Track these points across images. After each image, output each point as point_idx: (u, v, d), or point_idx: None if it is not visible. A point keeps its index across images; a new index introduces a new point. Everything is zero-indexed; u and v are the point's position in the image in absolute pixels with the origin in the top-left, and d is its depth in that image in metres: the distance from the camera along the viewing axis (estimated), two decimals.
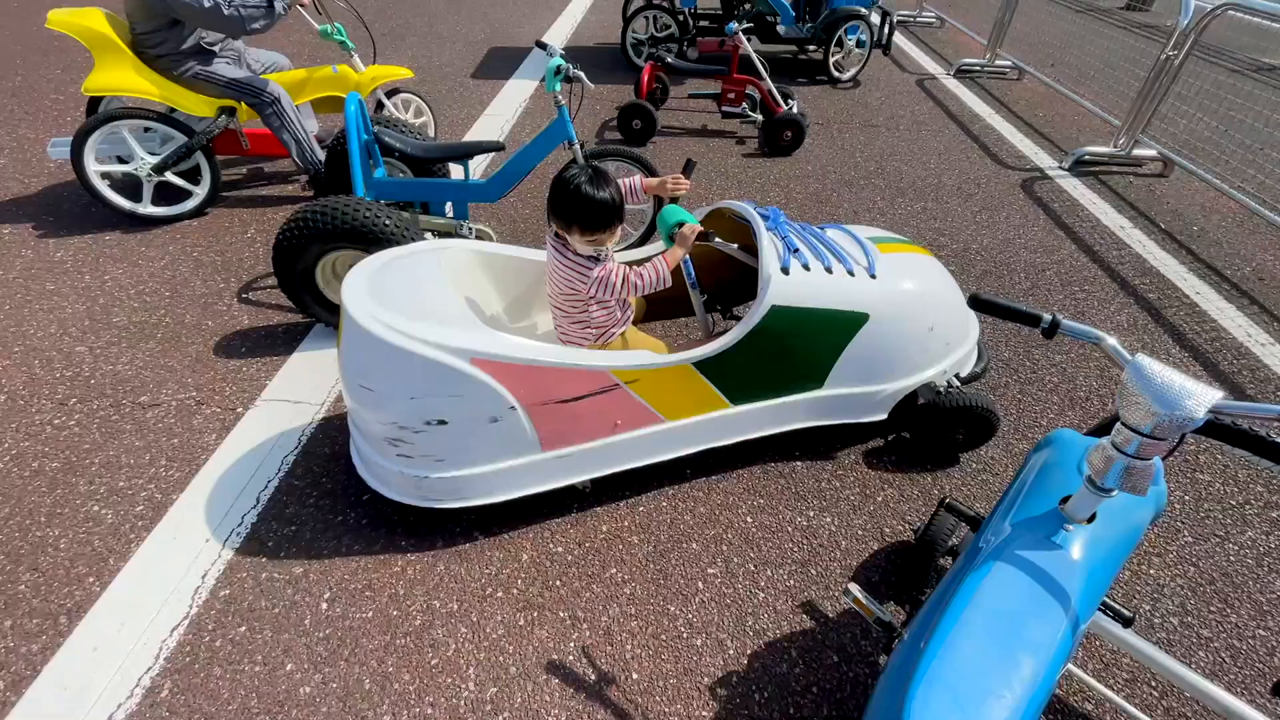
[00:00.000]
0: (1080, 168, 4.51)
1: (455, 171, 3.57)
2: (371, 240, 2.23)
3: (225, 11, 2.83)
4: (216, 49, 3.14)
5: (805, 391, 2.04)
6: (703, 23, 6.26)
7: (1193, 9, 4.08)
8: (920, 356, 2.10)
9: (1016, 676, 0.96)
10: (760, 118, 4.58)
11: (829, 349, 1.99)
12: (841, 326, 1.97)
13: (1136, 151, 4.54)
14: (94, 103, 3.41)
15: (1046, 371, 2.65)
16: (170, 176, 3.22)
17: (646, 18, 5.90)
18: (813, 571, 1.86)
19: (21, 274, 2.90)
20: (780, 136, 4.37)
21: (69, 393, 2.31)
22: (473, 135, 4.52)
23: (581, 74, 2.57)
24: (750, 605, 1.76)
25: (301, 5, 3.28)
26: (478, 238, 2.86)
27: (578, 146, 2.74)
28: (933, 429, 2.13)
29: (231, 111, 3.17)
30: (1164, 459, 1.04)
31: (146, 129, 3.13)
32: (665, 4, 5.94)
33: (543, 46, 2.78)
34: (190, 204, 3.34)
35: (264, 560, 1.80)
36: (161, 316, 2.69)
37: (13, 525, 1.87)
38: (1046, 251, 3.50)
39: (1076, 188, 4.23)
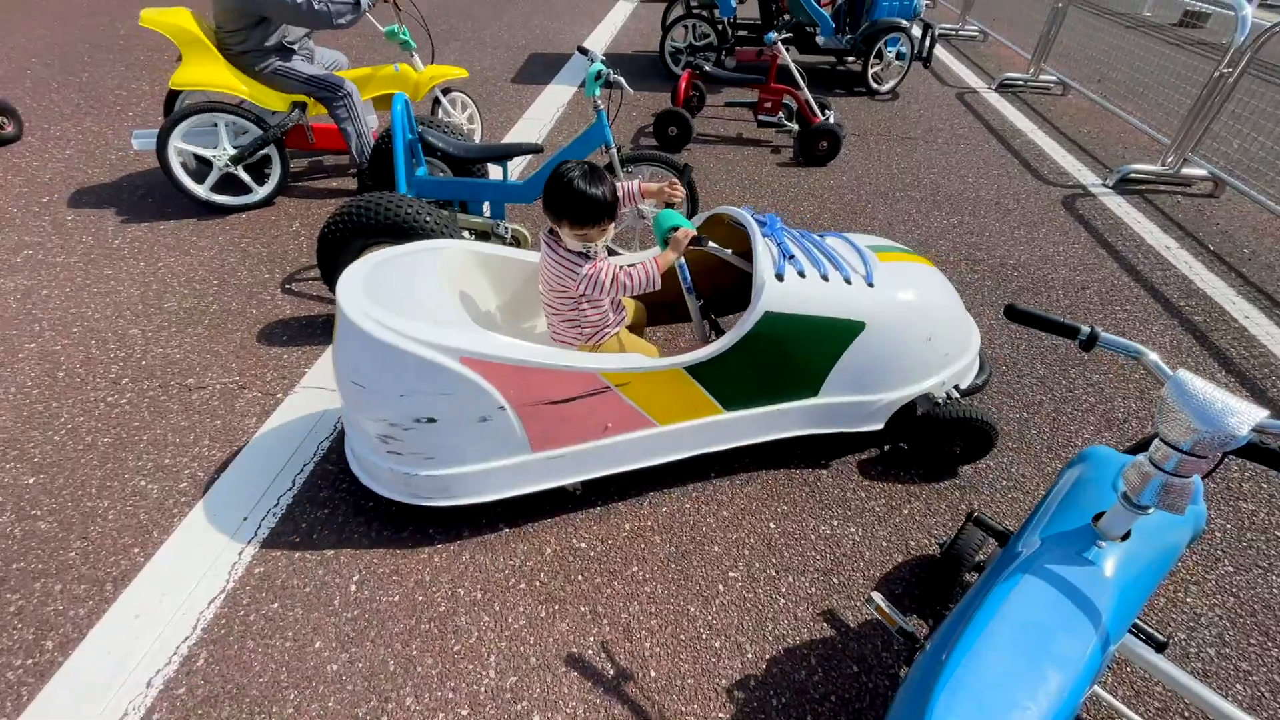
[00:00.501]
0: (1125, 185, 4.40)
1: (494, 172, 3.64)
2: (412, 236, 2.29)
3: (316, 6, 2.98)
4: (295, 46, 3.32)
5: (800, 399, 2.02)
6: (741, 32, 6.30)
7: (1249, 26, 3.97)
8: (918, 367, 2.08)
9: (1043, 689, 0.95)
10: (796, 127, 4.58)
11: (824, 357, 1.97)
12: (837, 335, 1.95)
13: (1186, 170, 4.41)
14: (170, 99, 3.60)
15: (1083, 391, 2.59)
16: (238, 170, 3.38)
17: (685, 26, 5.95)
18: (835, 580, 1.84)
19: (82, 259, 3.05)
20: (816, 146, 4.36)
21: (121, 372, 2.42)
22: (511, 138, 4.60)
23: (621, 79, 2.61)
24: (771, 610, 1.76)
25: (385, 1, 3.45)
26: (513, 237, 2.92)
27: (614, 150, 2.78)
28: (930, 441, 2.10)
29: (303, 106, 3.35)
30: (1204, 479, 1.01)
31: (217, 123, 3.28)
32: (704, 13, 5.99)
33: (584, 52, 2.83)
34: (262, 193, 3.50)
35: (297, 540, 1.86)
36: (209, 304, 2.80)
37: (66, 495, 1.96)
38: (1087, 269, 3.42)
39: (1120, 205, 4.14)
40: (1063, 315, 1.36)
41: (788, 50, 4.59)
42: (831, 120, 4.45)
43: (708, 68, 4.50)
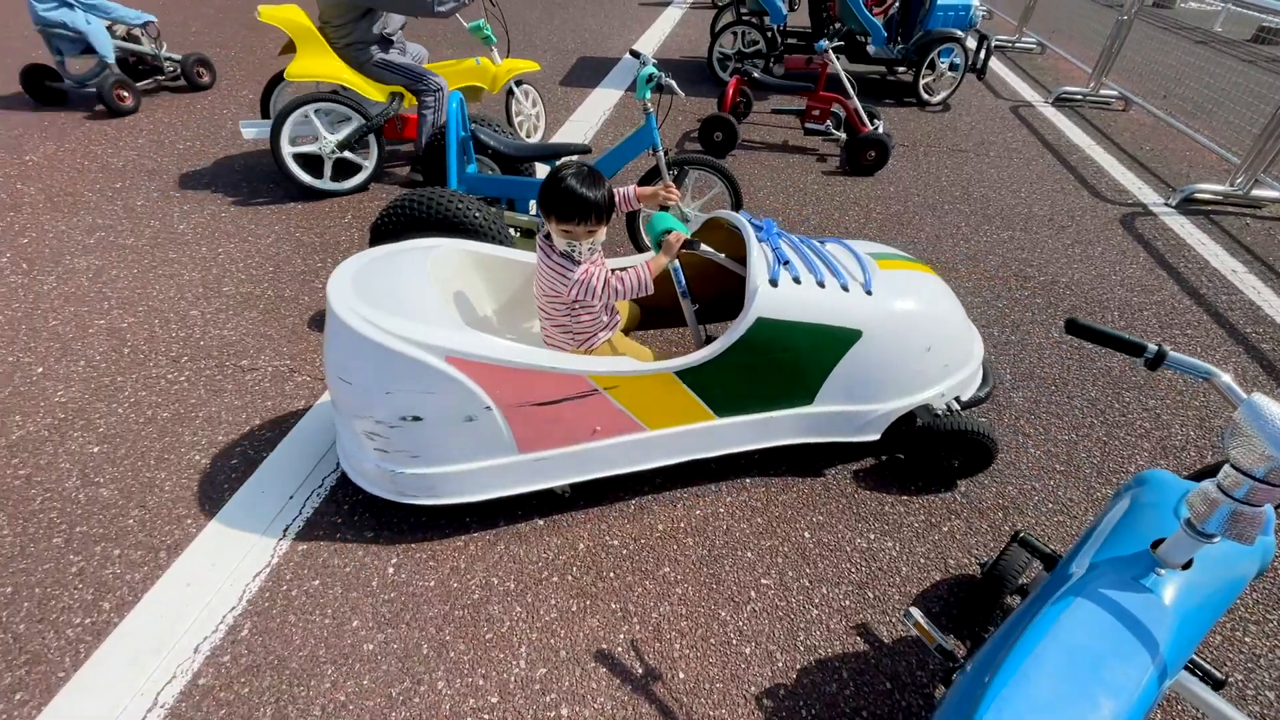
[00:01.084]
0: (1189, 206, 4.23)
1: (540, 171, 3.70)
2: (461, 231, 2.34)
3: None
4: (394, 39, 3.52)
5: (794, 407, 1.98)
6: (790, 40, 6.26)
7: None
8: (916, 378, 2.03)
9: (1094, 717, 0.92)
10: (844, 136, 4.53)
11: (819, 365, 1.93)
12: (832, 342, 1.90)
13: (1256, 192, 4.22)
14: (266, 92, 3.83)
15: (1138, 415, 2.49)
16: (342, 155, 3.60)
17: (735, 33, 5.95)
18: (870, 594, 1.81)
19: (149, 242, 3.20)
20: (864, 156, 4.30)
21: (181, 351, 2.53)
22: (558, 139, 4.66)
23: (673, 83, 2.63)
24: (803, 620, 1.73)
25: None
26: None
27: (661, 154, 2.79)
28: (927, 453, 2.05)
29: (400, 97, 3.53)
30: (1277, 509, 0.97)
31: (317, 111, 3.46)
32: (754, 20, 5.98)
33: (636, 55, 2.86)
34: (359, 178, 3.70)
35: (339, 521, 1.91)
36: (265, 289, 2.91)
37: (126, 465, 2.05)
38: (1145, 291, 3.29)
39: (1183, 226, 3.97)
40: (1127, 331, 1.31)
41: (838, 59, 4.54)
42: (880, 130, 4.39)
43: (756, 74, 4.48)
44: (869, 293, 1.94)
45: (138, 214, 3.43)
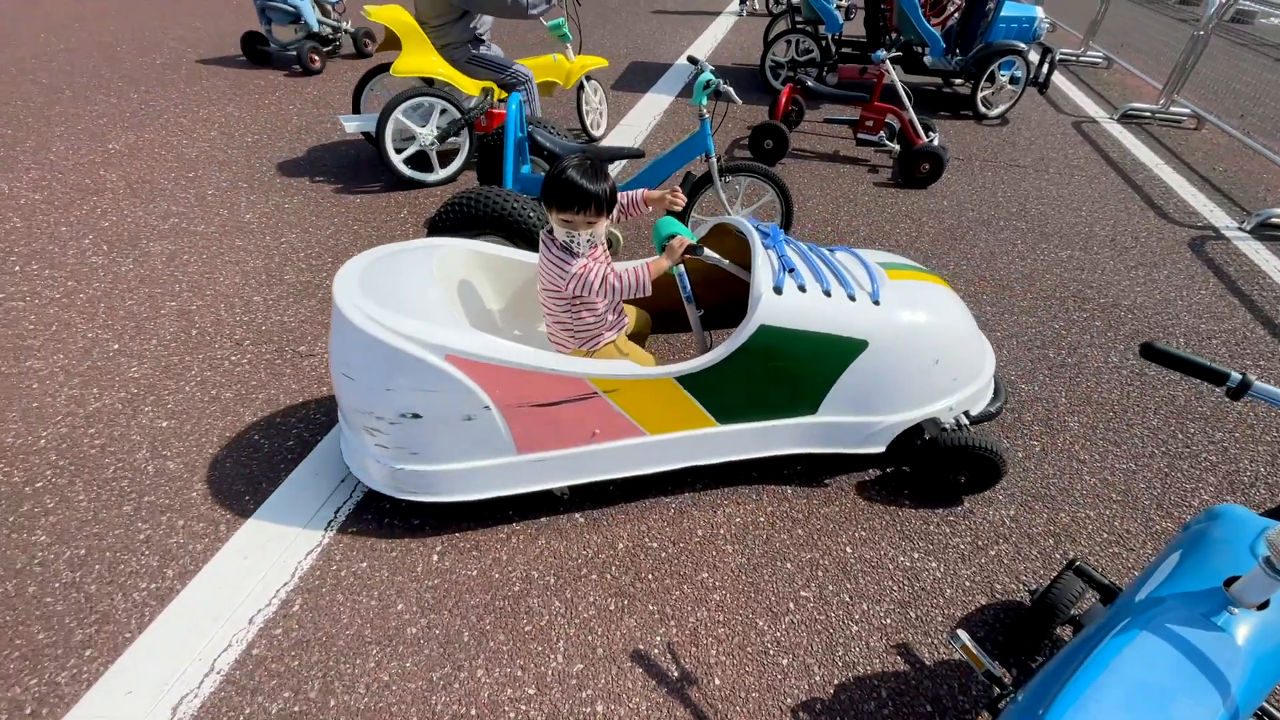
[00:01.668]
0: (1265, 231, 4.02)
1: None
2: (515, 230, 2.39)
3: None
4: (485, 38, 3.76)
5: (797, 416, 1.95)
6: (845, 49, 6.20)
7: None
8: (923, 390, 1.98)
9: None
10: (897, 148, 4.45)
11: (823, 374, 1.90)
12: (837, 352, 1.87)
13: None
14: (359, 88, 4.03)
15: (1203, 448, 2.38)
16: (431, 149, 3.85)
17: (788, 41, 5.92)
18: (912, 614, 1.77)
19: (218, 230, 3.35)
20: (917, 168, 4.23)
21: (244, 335, 2.64)
22: (609, 143, 4.71)
23: (730, 90, 2.63)
24: (841, 636, 1.71)
25: None
26: (608, 238, 2.99)
27: (714, 160, 2.79)
28: (932, 467, 2.00)
29: (490, 92, 3.73)
30: None
31: (412, 106, 3.67)
32: (809, 29, 5.94)
33: (694, 61, 2.88)
34: (452, 169, 3.93)
35: (387, 507, 1.97)
36: (323, 279, 3.02)
37: (191, 442, 2.16)
38: (1214, 318, 3.15)
39: (1259, 252, 3.78)
40: (1207, 357, 1.25)
41: (894, 69, 4.48)
42: (935, 143, 4.30)
43: (810, 83, 4.45)
44: (876, 303, 1.91)
45: (208, 203, 3.60)
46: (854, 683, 1.61)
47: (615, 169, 4.16)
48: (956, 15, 6.08)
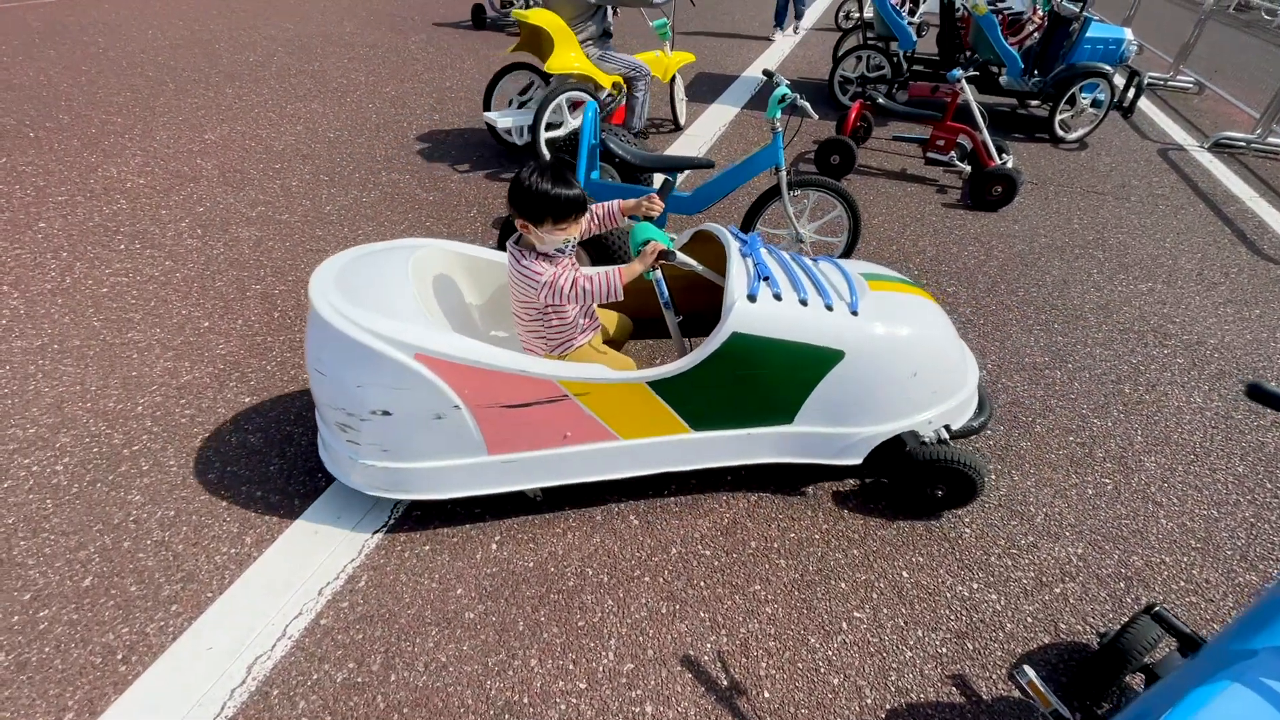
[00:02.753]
0: None
1: (655, 181, 3.79)
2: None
3: None
4: (611, 34, 4.14)
5: (773, 425, 1.92)
6: (917, 66, 6.09)
7: None
8: (901, 402, 1.94)
9: None
10: (968, 168, 4.35)
11: (799, 384, 1.87)
12: (813, 362, 1.84)
13: None
14: (490, 87, 4.29)
15: None
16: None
17: (858, 57, 5.85)
18: (969, 646, 1.73)
19: (301, 219, 3.54)
20: (989, 190, 4.12)
21: None
22: (673, 152, 4.75)
23: (807, 104, 2.63)
24: (895, 660, 1.68)
25: None
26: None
27: (784, 173, 2.79)
28: (908, 480, 1.95)
29: (621, 87, 4.13)
30: None
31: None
32: (880, 44, 5.86)
33: (770, 75, 2.89)
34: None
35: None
36: None
37: (272, 417, 2.28)
38: None
39: None
40: None
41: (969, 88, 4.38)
42: (1009, 165, 4.18)
43: (881, 100, 4.40)
44: (854, 313, 1.88)
45: (293, 193, 3.80)
46: (906, 709, 1.58)
47: (682, 178, 4.19)
48: (1036, 35, 5.90)
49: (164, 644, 1.61)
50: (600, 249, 2.55)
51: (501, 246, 2.64)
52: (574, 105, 4.06)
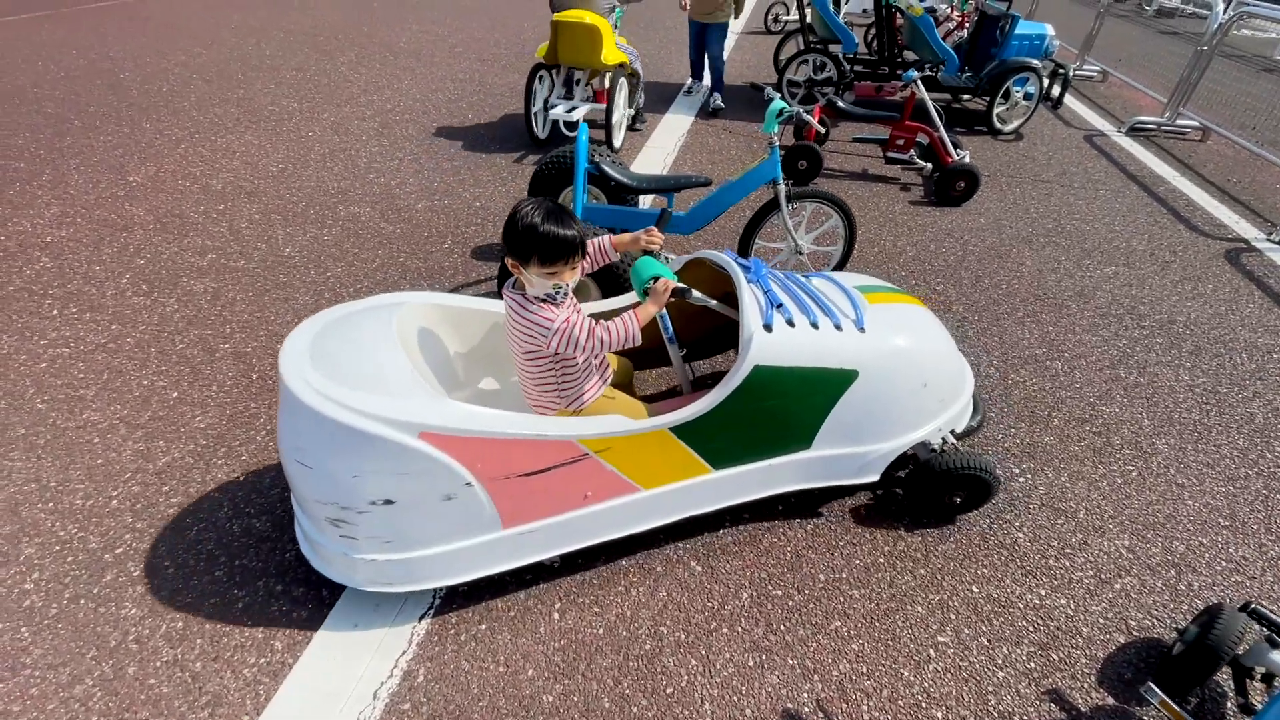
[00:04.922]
0: None
1: (643, 202, 3.69)
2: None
3: None
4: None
5: (792, 453, 1.90)
6: (858, 67, 6.26)
7: None
8: (914, 415, 1.97)
9: None
10: (928, 166, 4.48)
11: (816, 409, 1.86)
12: (829, 385, 1.83)
13: None
14: (531, 77, 4.64)
15: None
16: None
17: (806, 61, 5.95)
18: (1054, 657, 1.72)
19: (259, 264, 3.23)
20: (953, 186, 4.25)
21: None
22: (638, 166, 4.68)
23: (809, 117, 2.61)
24: (990, 683, 1.65)
25: None
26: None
27: (782, 186, 2.76)
28: (930, 490, 1.98)
29: (631, 71, 4.58)
30: None
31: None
32: (821, 47, 5.99)
33: (759, 89, 2.85)
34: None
35: None
36: None
37: (273, 496, 2.04)
38: (1270, 332, 3.18)
39: None
40: None
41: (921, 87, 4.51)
42: (967, 160, 4.34)
43: (841, 104, 4.47)
44: (862, 330, 1.88)
45: (244, 236, 3.48)
46: None
47: (680, 197, 4.11)
48: (960, 34, 6.17)
49: None
50: (610, 279, 2.44)
51: (499, 293, 2.50)
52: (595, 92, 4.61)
